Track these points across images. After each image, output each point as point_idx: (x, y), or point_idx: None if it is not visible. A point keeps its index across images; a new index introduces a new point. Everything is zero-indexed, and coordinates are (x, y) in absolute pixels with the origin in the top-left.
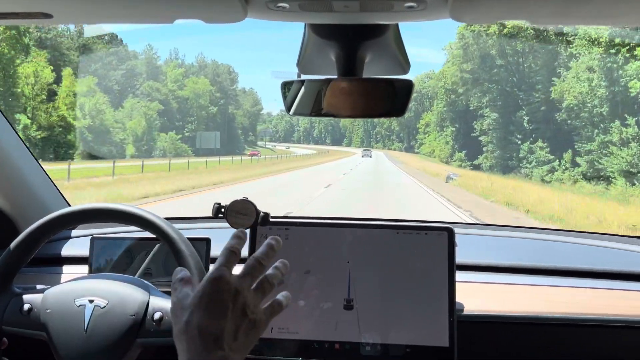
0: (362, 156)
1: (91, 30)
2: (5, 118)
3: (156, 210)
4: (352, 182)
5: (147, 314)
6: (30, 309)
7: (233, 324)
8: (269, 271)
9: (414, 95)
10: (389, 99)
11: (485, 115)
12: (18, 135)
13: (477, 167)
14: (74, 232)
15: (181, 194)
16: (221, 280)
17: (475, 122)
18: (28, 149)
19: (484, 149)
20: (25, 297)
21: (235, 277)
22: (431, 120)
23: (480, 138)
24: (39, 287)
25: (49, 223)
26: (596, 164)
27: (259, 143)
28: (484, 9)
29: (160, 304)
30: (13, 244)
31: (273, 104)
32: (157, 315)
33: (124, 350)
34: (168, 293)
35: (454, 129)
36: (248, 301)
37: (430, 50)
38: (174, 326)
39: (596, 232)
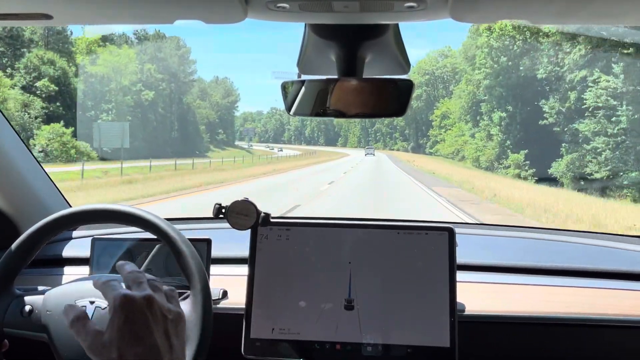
0: (366, 154)
1: (92, 30)
2: (5, 118)
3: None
4: None
5: None
6: (31, 311)
7: (161, 336)
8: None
9: (425, 78)
10: (389, 99)
11: (588, 83)
12: (19, 135)
13: (550, 181)
14: (74, 233)
15: None
16: (126, 301)
17: (545, 100)
18: (29, 150)
19: (575, 149)
20: (26, 298)
21: (136, 292)
22: (452, 108)
23: (573, 127)
24: (40, 288)
25: (50, 224)
26: None
27: (238, 143)
28: (484, 9)
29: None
30: (14, 246)
31: (255, 102)
32: None
33: None
34: None
35: (504, 114)
36: (160, 304)
37: (428, 51)
38: None
39: (596, 231)
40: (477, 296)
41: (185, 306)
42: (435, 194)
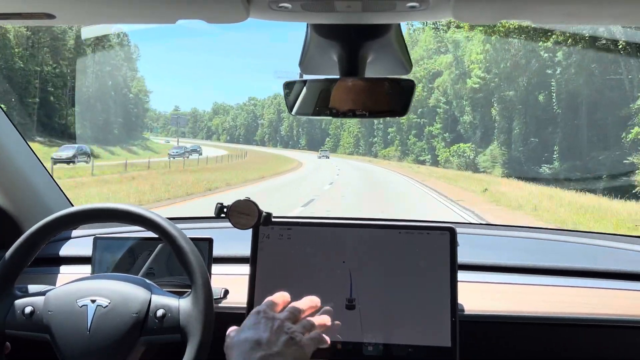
0: (319, 157)
1: (89, 31)
2: (8, 118)
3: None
4: None
5: (149, 312)
6: (32, 312)
7: (272, 335)
8: (314, 316)
9: None
10: (391, 99)
11: None
12: (21, 135)
13: None
14: (74, 232)
15: None
16: (260, 312)
17: None
18: (31, 149)
19: None
20: (27, 299)
21: (275, 312)
22: None
23: None
24: (40, 288)
25: (51, 224)
26: None
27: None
28: (486, 9)
29: (163, 301)
30: (14, 246)
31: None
32: (159, 313)
33: (128, 349)
34: (171, 292)
35: None
36: (287, 325)
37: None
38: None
39: (598, 231)
40: (478, 296)
41: (187, 303)
42: None
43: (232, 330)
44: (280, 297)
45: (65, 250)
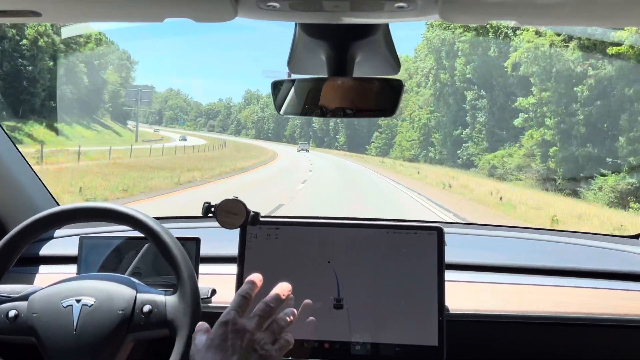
0: (299, 151)
1: (69, 30)
2: None
3: None
4: None
5: (135, 308)
6: (16, 315)
7: (242, 357)
8: (279, 315)
9: None
10: (379, 99)
11: None
12: (6, 133)
13: None
14: (57, 232)
15: None
16: (229, 323)
17: None
18: (16, 148)
19: None
20: (10, 303)
21: (244, 320)
22: None
23: None
24: (23, 290)
25: (34, 224)
26: None
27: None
28: (473, 10)
29: (149, 297)
30: None
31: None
32: (146, 308)
33: (116, 346)
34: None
35: None
36: (256, 338)
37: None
38: None
39: (587, 232)
40: (466, 295)
41: (173, 297)
42: None
43: (199, 333)
44: (251, 287)
45: (47, 249)
